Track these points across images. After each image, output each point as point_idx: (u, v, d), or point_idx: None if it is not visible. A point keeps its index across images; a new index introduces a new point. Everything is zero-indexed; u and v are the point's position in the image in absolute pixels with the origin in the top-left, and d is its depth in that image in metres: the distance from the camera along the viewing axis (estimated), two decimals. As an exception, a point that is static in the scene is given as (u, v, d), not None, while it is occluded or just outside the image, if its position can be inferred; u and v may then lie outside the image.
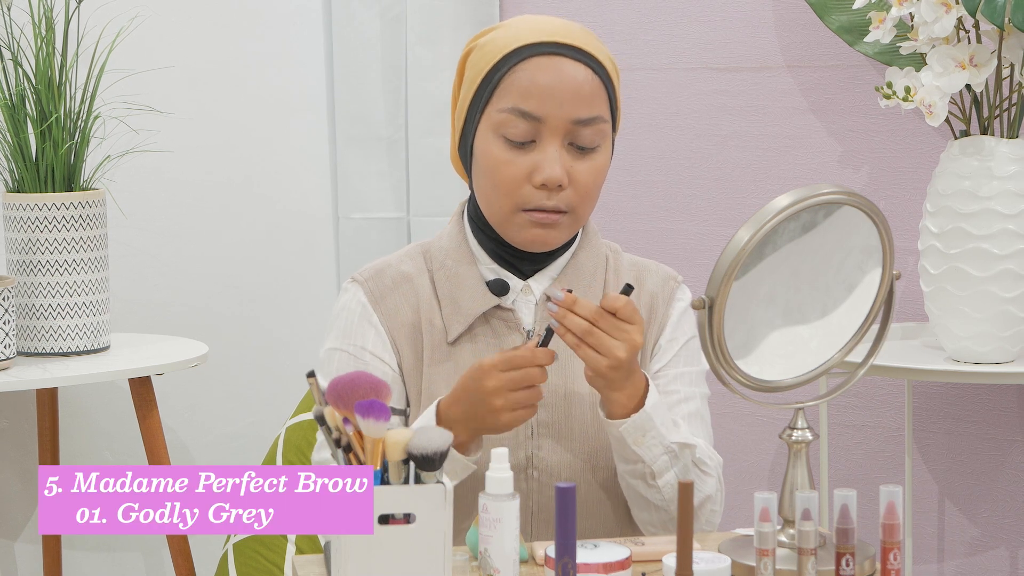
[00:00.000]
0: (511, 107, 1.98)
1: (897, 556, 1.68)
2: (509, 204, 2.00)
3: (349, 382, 1.64)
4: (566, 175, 1.98)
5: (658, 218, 3.18)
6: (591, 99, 1.99)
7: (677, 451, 1.96)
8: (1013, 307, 2.62)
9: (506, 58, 2.00)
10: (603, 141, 2.02)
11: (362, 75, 3.31)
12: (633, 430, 1.93)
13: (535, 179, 1.98)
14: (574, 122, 1.98)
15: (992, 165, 2.60)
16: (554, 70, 1.98)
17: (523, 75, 1.98)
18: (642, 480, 1.97)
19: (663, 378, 2.08)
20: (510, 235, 2.02)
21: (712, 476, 2.03)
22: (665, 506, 1.98)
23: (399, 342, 2.05)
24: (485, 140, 2.01)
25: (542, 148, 1.98)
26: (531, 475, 2.02)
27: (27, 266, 2.80)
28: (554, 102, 1.97)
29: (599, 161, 2.02)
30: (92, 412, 3.22)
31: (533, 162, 1.98)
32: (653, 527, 2.02)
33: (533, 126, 1.98)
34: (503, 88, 1.99)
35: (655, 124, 3.17)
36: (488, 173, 2.01)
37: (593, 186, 2.02)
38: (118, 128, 3.02)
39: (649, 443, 1.94)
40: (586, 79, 1.99)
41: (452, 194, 3.24)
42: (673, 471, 1.96)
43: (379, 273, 2.09)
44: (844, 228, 1.78)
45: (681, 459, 1.97)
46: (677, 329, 2.10)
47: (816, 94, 3.05)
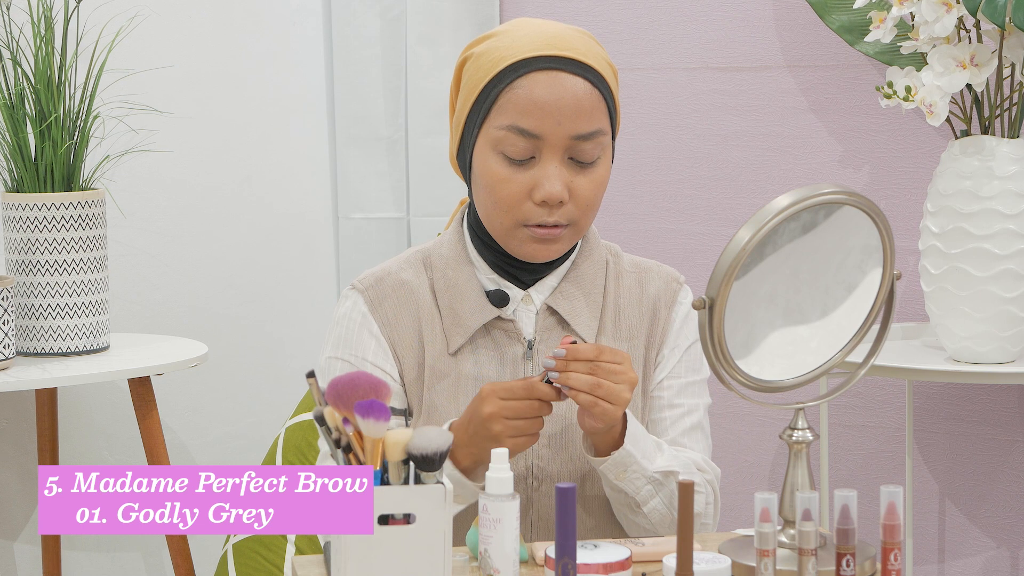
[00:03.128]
0: (509, 125, 1.96)
1: (898, 557, 1.68)
2: (510, 220, 1.98)
3: (349, 382, 1.64)
4: (566, 191, 1.96)
5: (658, 218, 3.18)
6: (590, 113, 1.97)
7: (661, 479, 1.96)
8: (1013, 307, 2.61)
9: (503, 73, 1.97)
10: (603, 153, 2.00)
11: (362, 75, 3.31)
12: (614, 466, 1.94)
13: (535, 196, 1.96)
14: (574, 137, 1.96)
15: (993, 165, 2.60)
16: (552, 86, 1.95)
17: (521, 92, 1.96)
18: (628, 508, 1.99)
19: (668, 390, 2.07)
20: (511, 248, 2.01)
21: (702, 493, 2.03)
22: (653, 529, 1.99)
23: (400, 352, 2.04)
24: (484, 156, 1.99)
25: (542, 165, 1.96)
26: (531, 484, 2.02)
27: (26, 266, 2.80)
28: (553, 119, 1.95)
29: (599, 174, 2.00)
30: (92, 412, 3.22)
31: (533, 179, 1.96)
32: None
33: (532, 143, 1.96)
34: (500, 104, 1.97)
35: (655, 124, 3.16)
36: (488, 190, 1.99)
37: (594, 199, 2.00)
38: (118, 128, 3.02)
39: (631, 477, 1.95)
40: (585, 93, 1.96)
41: (452, 194, 3.24)
42: (659, 498, 1.97)
43: (379, 281, 2.07)
44: (844, 228, 1.77)
45: (666, 485, 1.97)
46: (679, 336, 2.09)
47: (816, 94, 3.05)
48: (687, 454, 2.04)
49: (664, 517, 1.98)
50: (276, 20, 3.32)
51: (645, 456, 1.95)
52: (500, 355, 2.03)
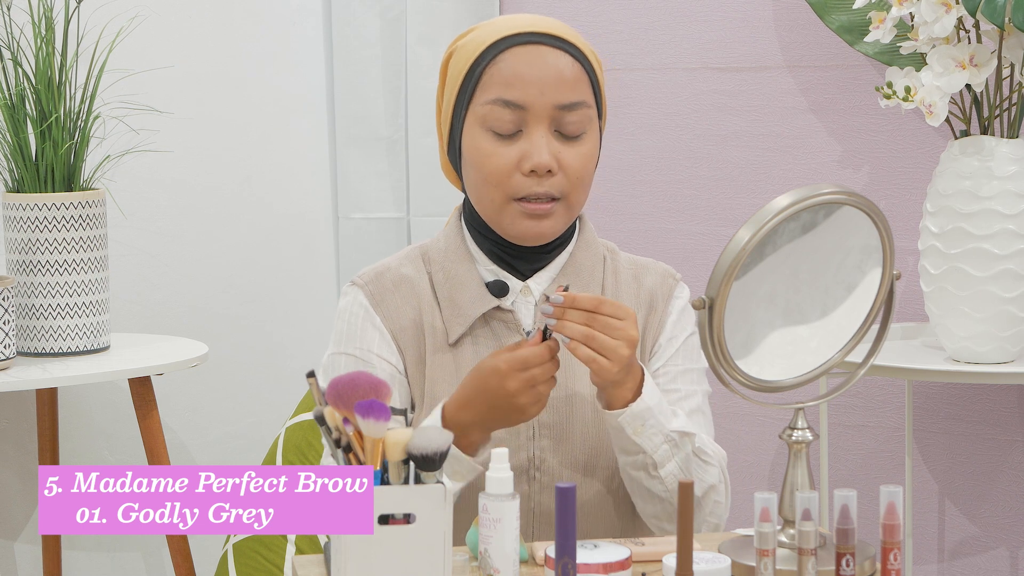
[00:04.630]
0: (494, 98, 1.99)
1: (897, 556, 1.68)
2: (500, 195, 2.00)
3: (349, 382, 1.64)
4: (555, 160, 1.98)
5: (658, 218, 3.18)
6: (574, 84, 2.00)
7: (677, 440, 1.96)
8: (1013, 307, 2.62)
9: (485, 52, 2.00)
10: (589, 127, 2.02)
11: (362, 75, 3.31)
12: (632, 419, 1.93)
13: (524, 166, 1.98)
14: (558, 107, 1.98)
15: (992, 165, 2.60)
16: (534, 57, 1.99)
17: (504, 66, 1.99)
18: (644, 471, 1.96)
19: (664, 376, 2.08)
20: (504, 228, 2.02)
21: (714, 466, 2.02)
22: (669, 497, 1.98)
23: (402, 343, 2.05)
24: (472, 135, 2.01)
25: (528, 136, 1.99)
26: (533, 476, 2.02)
27: (27, 266, 2.80)
28: (536, 89, 1.98)
29: (587, 148, 2.02)
30: (92, 412, 3.22)
31: (520, 151, 1.99)
32: (659, 520, 2.01)
33: (518, 115, 1.98)
34: (485, 81, 2.00)
35: (655, 124, 3.17)
36: (477, 166, 2.01)
37: (583, 172, 2.01)
38: (118, 128, 3.02)
39: (649, 432, 1.93)
40: (567, 65, 2.00)
41: (452, 194, 3.24)
42: (675, 461, 1.96)
43: (379, 276, 2.09)
44: (844, 228, 1.78)
45: (682, 448, 1.96)
46: (676, 327, 2.09)
47: (816, 94, 3.05)
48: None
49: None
50: (276, 20, 3.32)
51: (663, 412, 1.95)
52: (499, 345, 2.03)
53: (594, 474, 2.04)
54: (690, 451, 1.98)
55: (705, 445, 2.02)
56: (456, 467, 1.92)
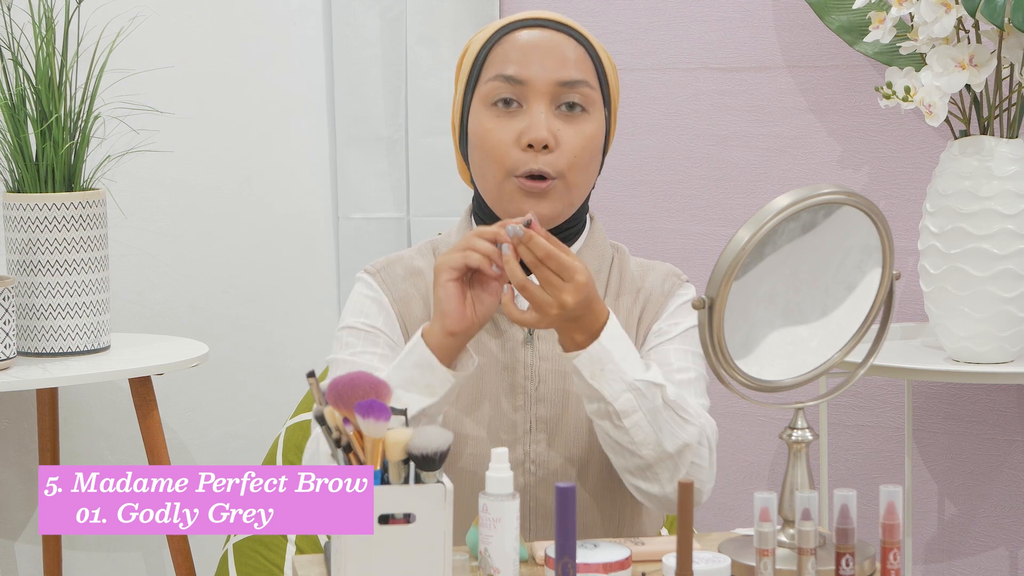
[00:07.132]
0: (496, 74, 2.02)
1: (897, 556, 1.68)
2: (500, 171, 2.01)
3: (349, 382, 1.64)
4: (552, 136, 2.00)
5: (658, 218, 3.18)
6: (576, 63, 2.03)
7: (643, 389, 1.91)
8: (1013, 307, 2.62)
9: (491, 37, 2.05)
10: (592, 108, 2.04)
11: (362, 75, 3.31)
12: (589, 363, 1.90)
13: (522, 140, 2.00)
14: (558, 84, 2.01)
15: (992, 165, 2.60)
16: (538, 38, 2.03)
17: (507, 44, 2.03)
18: (608, 421, 1.92)
19: (660, 352, 2.06)
20: (504, 206, 2.03)
21: (693, 425, 1.95)
22: (636, 449, 1.93)
23: (410, 328, 2.07)
24: (476, 116, 2.05)
25: (527, 111, 2.01)
26: (528, 470, 2.03)
27: (27, 266, 2.80)
28: (537, 64, 2.01)
29: (588, 128, 2.03)
30: (92, 412, 3.22)
31: (520, 126, 2.01)
32: (631, 475, 1.96)
33: (518, 89, 2.01)
34: (489, 62, 2.04)
35: (655, 124, 3.17)
36: (479, 143, 2.04)
37: (582, 151, 2.02)
38: (118, 128, 3.02)
39: (608, 378, 1.90)
40: (570, 46, 2.03)
41: (452, 194, 3.24)
42: (641, 412, 1.91)
43: (391, 264, 2.12)
44: (844, 228, 1.78)
45: (649, 399, 1.91)
46: (677, 315, 2.08)
47: (816, 94, 3.05)
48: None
49: (648, 437, 1.92)
50: (276, 20, 3.32)
51: (625, 360, 1.91)
52: (501, 337, 2.05)
53: (588, 468, 2.04)
54: (660, 404, 1.92)
55: (685, 403, 1.96)
56: (429, 378, 1.91)
